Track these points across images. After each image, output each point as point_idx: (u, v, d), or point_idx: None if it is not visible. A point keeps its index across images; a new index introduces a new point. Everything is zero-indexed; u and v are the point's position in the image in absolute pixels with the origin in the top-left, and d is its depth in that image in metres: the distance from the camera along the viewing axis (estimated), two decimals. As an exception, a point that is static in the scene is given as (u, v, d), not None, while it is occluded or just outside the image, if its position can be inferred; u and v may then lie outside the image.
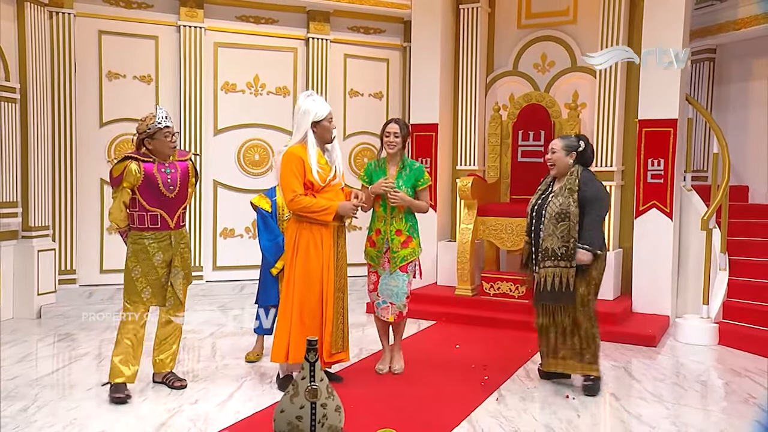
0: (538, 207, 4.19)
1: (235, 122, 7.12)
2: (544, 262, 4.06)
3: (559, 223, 4.01)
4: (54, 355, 4.92)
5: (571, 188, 4.05)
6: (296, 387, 2.05)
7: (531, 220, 4.23)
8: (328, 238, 4.01)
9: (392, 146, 4.33)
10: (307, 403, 1.99)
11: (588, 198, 4.03)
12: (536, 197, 4.27)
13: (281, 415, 2.04)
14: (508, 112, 7.03)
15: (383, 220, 4.34)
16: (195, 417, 3.63)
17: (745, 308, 5.66)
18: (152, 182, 3.93)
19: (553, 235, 4.02)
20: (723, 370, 4.78)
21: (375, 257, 4.36)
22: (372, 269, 4.41)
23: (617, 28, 6.33)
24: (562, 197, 4.05)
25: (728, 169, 6.03)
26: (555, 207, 4.04)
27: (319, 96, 4.06)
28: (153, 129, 3.93)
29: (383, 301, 4.35)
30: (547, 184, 4.28)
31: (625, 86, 6.40)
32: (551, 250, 4.02)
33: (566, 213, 4.00)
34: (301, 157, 3.90)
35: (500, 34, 7.26)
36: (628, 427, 3.61)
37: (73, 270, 6.51)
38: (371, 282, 4.43)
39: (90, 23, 6.53)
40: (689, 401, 4.12)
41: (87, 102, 6.57)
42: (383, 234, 4.33)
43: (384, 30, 7.63)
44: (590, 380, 4.12)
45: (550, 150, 4.21)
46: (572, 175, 4.10)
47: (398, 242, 4.32)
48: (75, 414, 3.65)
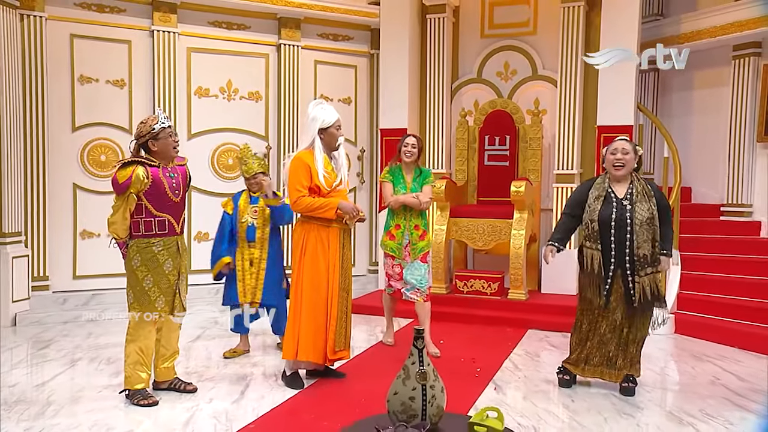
0: (617, 216, 4.05)
1: (208, 127, 7.17)
2: (644, 270, 4.03)
3: (650, 228, 4.02)
4: (47, 361, 4.88)
5: (647, 193, 4.07)
6: (407, 371, 2.26)
7: (609, 231, 4.07)
8: (334, 239, 4.19)
9: (409, 155, 5.03)
10: (418, 386, 2.19)
11: (665, 205, 4.13)
12: (605, 206, 4.10)
13: (395, 397, 2.24)
14: (474, 117, 7.38)
15: (403, 216, 5.02)
16: (215, 414, 3.75)
17: (697, 299, 6.18)
18: (159, 187, 3.89)
19: (647, 241, 4.01)
20: (686, 356, 5.23)
21: (396, 249, 4.99)
22: (395, 261, 5.01)
23: (575, 40, 6.79)
24: (646, 203, 4.04)
25: (679, 172, 6.55)
26: (645, 212, 4.01)
27: (328, 104, 4.22)
28: (157, 129, 3.87)
29: (411, 287, 4.97)
30: (604, 190, 4.15)
31: (583, 94, 6.87)
32: (647, 256, 4.01)
33: (653, 218, 4.02)
34: (307, 162, 4.07)
35: (465, 44, 7.62)
36: (618, 408, 3.96)
37: (46, 276, 6.42)
38: (395, 273, 5.04)
39: (62, 27, 6.45)
40: (665, 385, 4.54)
41: (59, 106, 6.48)
42: (403, 228, 5.00)
43: (352, 37, 7.84)
44: (629, 381, 4.18)
45: (622, 150, 4.12)
46: (639, 181, 4.13)
47: (417, 235, 5.00)
48: (95, 416, 3.71)
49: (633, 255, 4.04)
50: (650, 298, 4.04)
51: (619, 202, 4.10)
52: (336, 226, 4.19)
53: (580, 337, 4.29)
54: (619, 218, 4.06)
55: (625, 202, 4.08)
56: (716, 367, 4.88)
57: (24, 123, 6.22)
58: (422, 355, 2.23)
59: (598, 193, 4.15)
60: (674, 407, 4.00)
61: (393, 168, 5.12)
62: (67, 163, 6.56)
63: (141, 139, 3.91)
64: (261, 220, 4.92)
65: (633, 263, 4.05)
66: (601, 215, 4.10)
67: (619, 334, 4.17)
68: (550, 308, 6.23)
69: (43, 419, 3.65)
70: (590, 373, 4.27)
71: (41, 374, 4.56)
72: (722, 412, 3.89)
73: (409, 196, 4.97)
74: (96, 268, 6.63)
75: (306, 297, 4.14)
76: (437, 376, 2.28)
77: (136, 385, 3.93)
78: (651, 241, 4.03)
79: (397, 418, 2.23)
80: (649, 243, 4.03)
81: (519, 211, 6.42)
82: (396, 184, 5.05)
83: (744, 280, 6.16)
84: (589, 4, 6.86)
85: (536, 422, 3.70)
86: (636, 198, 4.07)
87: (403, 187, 5.03)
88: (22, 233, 6.23)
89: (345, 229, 4.26)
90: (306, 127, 4.18)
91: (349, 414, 3.70)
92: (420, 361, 2.22)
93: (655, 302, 4.09)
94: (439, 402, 2.24)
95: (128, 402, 3.92)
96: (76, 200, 6.61)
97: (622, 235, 4.05)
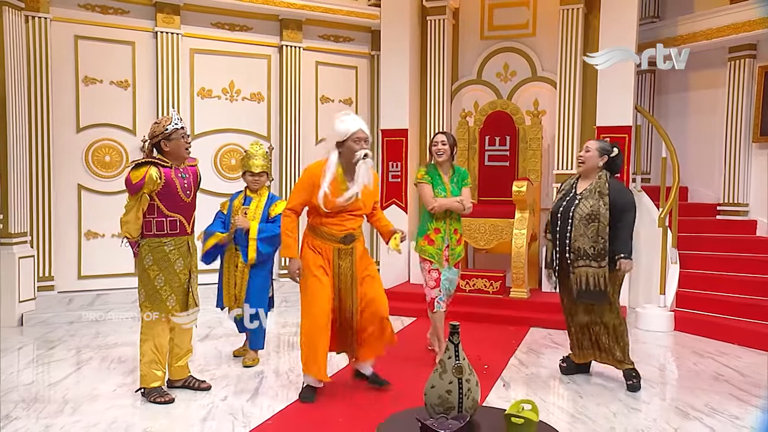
0: (563, 209, 4.29)
1: (211, 127, 7.22)
2: (577, 262, 4.20)
3: (589, 224, 4.14)
4: (58, 360, 4.91)
5: (601, 191, 4.18)
6: (443, 365, 2.34)
7: (556, 222, 4.33)
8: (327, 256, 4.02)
9: (441, 153, 4.70)
10: (454, 379, 2.27)
11: (623, 206, 4.17)
12: (560, 199, 4.39)
13: (432, 390, 2.32)
14: (474, 118, 7.47)
15: (443, 220, 4.72)
16: (232, 411, 3.82)
17: (695, 297, 6.29)
18: (171, 187, 3.94)
19: (584, 236, 4.15)
20: (687, 352, 5.33)
21: (435, 254, 4.69)
22: (433, 266, 4.71)
23: (574, 42, 6.90)
24: (593, 200, 4.17)
25: (678, 172, 6.66)
26: (585, 209, 4.17)
27: (356, 115, 4.01)
28: (170, 129, 3.91)
29: (444, 295, 4.75)
30: (570, 185, 4.40)
31: (582, 95, 6.97)
32: (582, 249, 4.16)
33: (596, 215, 4.13)
34: (314, 176, 3.92)
35: (464, 45, 7.72)
36: (625, 402, 4.06)
37: (51, 276, 6.44)
38: (433, 279, 4.72)
39: (66, 28, 6.48)
40: (670, 380, 4.65)
41: (63, 107, 6.51)
42: (443, 232, 4.72)
43: (353, 38, 7.91)
44: (633, 378, 4.29)
45: (585, 148, 4.35)
46: (601, 179, 4.23)
47: (455, 240, 4.77)
48: (114, 413, 3.76)
49: (570, 247, 4.23)
50: (585, 289, 4.20)
51: (573, 197, 4.30)
52: (329, 245, 4.01)
53: (567, 323, 4.56)
54: (565, 212, 4.28)
55: (578, 198, 4.26)
56: (717, 363, 4.99)
57: (29, 124, 6.24)
58: (458, 349, 2.32)
59: (565, 189, 4.42)
60: (680, 402, 4.09)
61: (429, 168, 4.80)
62: (72, 164, 6.59)
63: (154, 139, 3.95)
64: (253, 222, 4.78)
65: (571, 255, 4.24)
66: (554, 208, 4.39)
67: (580, 321, 4.41)
68: (552, 306, 6.27)
69: (63, 416, 3.70)
70: (584, 357, 4.52)
71: (54, 373, 4.59)
72: (727, 406, 3.99)
73: (454, 200, 4.67)
74: (101, 268, 6.67)
75: (303, 315, 4.03)
76: (472, 371, 2.37)
77: (152, 384, 3.98)
78: (592, 237, 4.14)
79: (434, 411, 2.31)
80: (587, 238, 4.15)
81: (520, 211, 6.51)
82: (435, 186, 4.71)
83: (741, 278, 6.28)
84: (587, 7, 6.97)
85: (546, 418, 3.77)
86: (586, 194, 4.22)
87: (442, 189, 4.72)
88: (28, 233, 6.25)
89: (341, 249, 4.03)
90: (329, 138, 4.07)
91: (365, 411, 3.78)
92: (456, 355, 2.30)
93: (594, 296, 4.21)
94: (474, 395, 2.32)
95: (144, 400, 3.96)
96: (81, 201, 6.64)
97: (564, 228, 4.27)
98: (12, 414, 3.73)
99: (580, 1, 6.86)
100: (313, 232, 4.05)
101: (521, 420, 2.23)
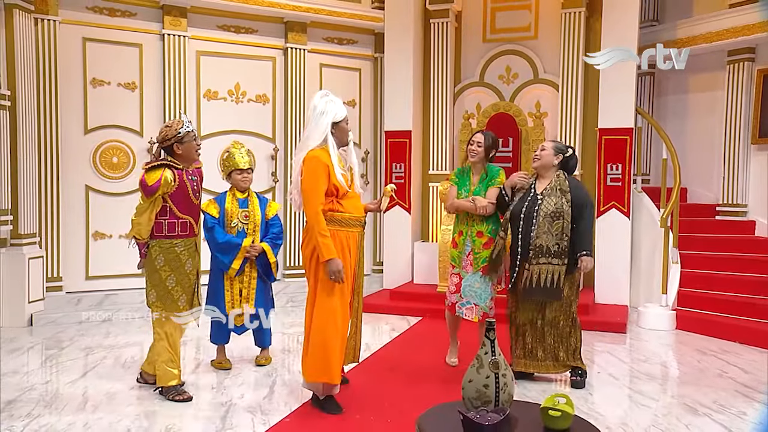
0: (527, 209, 4.23)
1: (217, 129, 7.27)
2: (537, 259, 4.15)
3: (554, 222, 4.13)
4: (72, 360, 4.96)
5: (562, 189, 4.20)
6: (480, 360, 2.42)
7: (518, 222, 4.26)
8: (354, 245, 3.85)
9: (473, 154, 4.56)
10: (491, 374, 2.35)
11: (582, 203, 4.21)
12: (521, 200, 4.31)
13: (470, 384, 2.40)
14: (477, 120, 7.56)
15: (465, 222, 4.56)
16: (251, 409, 3.88)
17: (696, 296, 6.40)
18: (184, 189, 4.02)
19: (548, 233, 4.13)
20: (690, 351, 5.43)
21: (456, 258, 4.57)
22: (455, 271, 4.59)
23: (576, 44, 7.00)
24: (555, 197, 4.18)
25: (678, 173, 6.77)
26: (550, 206, 4.15)
27: (336, 97, 3.84)
28: (183, 133, 3.97)
29: (467, 302, 4.52)
30: (530, 186, 4.35)
31: (584, 98, 7.07)
32: (545, 247, 4.13)
33: (560, 212, 4.14)
34: (326, 162, 3.67)
35: (467, 48, 7.80)
36: (636, 400, 4.15)
37: (60, 277, 6.48)
38: (453, 284, 4.59)
39: (74, 30, 6.52)
40: (675, 378, 4.74)
41: (71, 109, 6.55)
42: (465, 235, 4.54)
43: (357, 41, 7.98)
44: (578, 375, 4.35)
45: (540, 147, 4.38)
46: (560, 177, 4.26)
47: (480, 243, 4.48)
48: (135, 410, 3.83)
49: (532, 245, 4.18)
50: (541, 286, 4.14)
51: (534, 196, 4.27)
52: (355, 231, 3.84)
53: (511, 325, 4.46)
54: (528, 212, 4.24)
55: (539, 197, 4.24)
56: (721, 360, 5.09)
57: (38, 125, 6.29)
58: (494, 345, 2.40)
59: (525, 190, 4.35)
60: (688, 399, 4.18)
61: (462, 169, 4.71)
62: (80, 165, 6.62)
63: (166, 142, 4.00)
64: (252, 225, 4.69)
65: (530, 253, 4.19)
66: (514, 209, 4.31)
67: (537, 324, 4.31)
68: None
69: (85, 413, 3.76)
70: (526, 366, 4.41)
71: (69, 372, 4.64)
72: (734, 402, 4.09)
73: (466, 200, 4.52)
74: (108, 268, 6.71)
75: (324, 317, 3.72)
76: (507, 366, 2.45)
77: (169, 382, 4.05)
78: (556, 234, 4.14)
79: (471, 404, 2.39)
80: (551, 235, 4.14)
81: (524, 212, 6.59)
82: (460, 187, 4.60)
83: (740, 278, 6.40)
84: (589, 10, 7.08)
85: (559, 413, 3.86)
86: (547, 192, 4.23)
87: (467, 190, 4.57)
88: (37, 234, 6.29)
89: (362, 233, 3.94)
90: (315, 122, 3.72)
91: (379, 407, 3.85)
92: (492, 351, 2.39)
93: (547, 292, 4.16)
94: (509, 390, 2.40)
95: (163, 398, 4.03)
96: (89, 202, 6.68)
97: (528, 228, 4.22)
98: (34, 412, 3.78)
99: (582, 4, 6.97)
100: (335, 223, 3.74)
101: (558, 413, 2.32)
